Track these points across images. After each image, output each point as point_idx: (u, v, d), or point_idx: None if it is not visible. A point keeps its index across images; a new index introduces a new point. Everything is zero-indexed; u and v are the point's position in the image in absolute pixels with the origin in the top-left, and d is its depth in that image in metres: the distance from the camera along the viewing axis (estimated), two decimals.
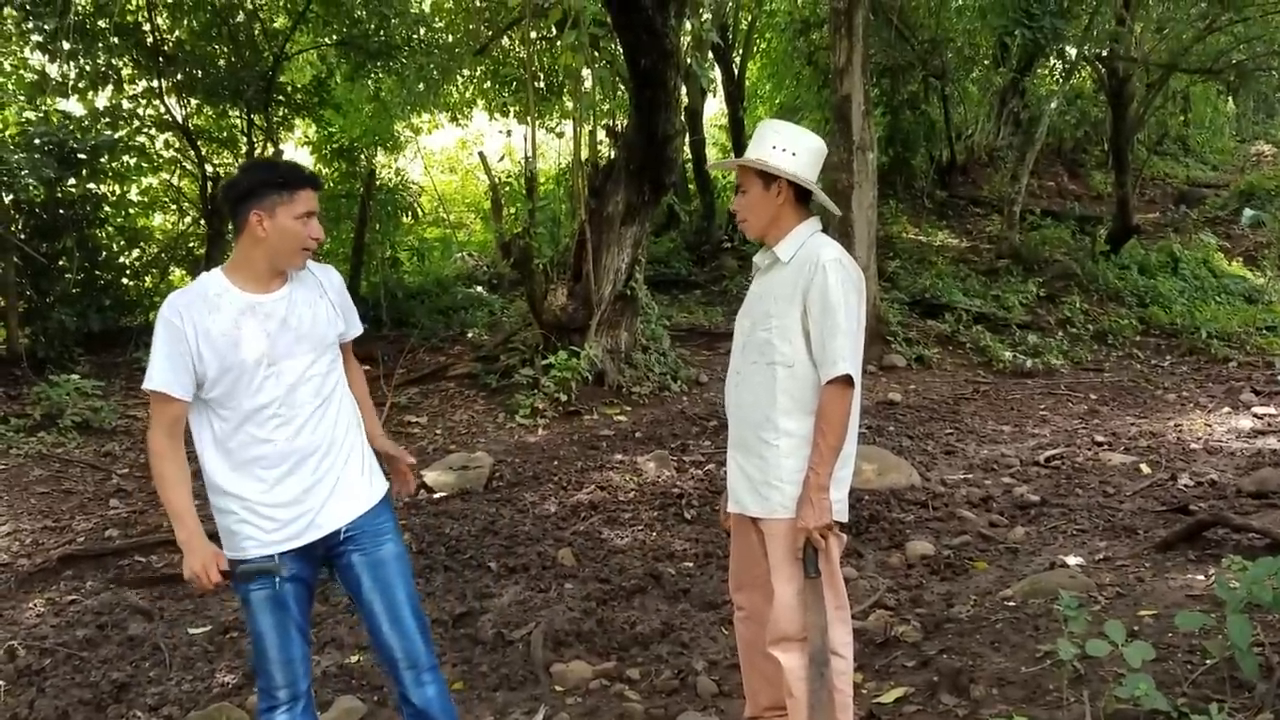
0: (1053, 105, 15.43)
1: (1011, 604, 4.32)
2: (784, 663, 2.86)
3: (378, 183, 13.16)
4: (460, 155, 20.12)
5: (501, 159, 15.00)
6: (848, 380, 2.77)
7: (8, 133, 9.44)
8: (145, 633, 4.51)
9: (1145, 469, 6.89)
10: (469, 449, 7.57)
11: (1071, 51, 15.90)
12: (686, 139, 13.59)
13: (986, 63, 17.37)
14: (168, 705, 3.89)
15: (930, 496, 6.21)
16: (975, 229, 16.85)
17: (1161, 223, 17.54)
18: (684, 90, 12.81)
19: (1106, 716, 3.07)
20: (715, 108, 19.95)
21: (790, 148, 2.85)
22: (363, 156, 13.62)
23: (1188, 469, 6.83)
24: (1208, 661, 3.34)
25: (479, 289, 13.37)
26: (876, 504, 6.00)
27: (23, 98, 9.99)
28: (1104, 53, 14.93)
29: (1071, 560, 4.97)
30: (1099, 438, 7.86)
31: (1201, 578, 4.40)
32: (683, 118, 10.46)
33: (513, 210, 11.30)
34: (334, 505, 2.77)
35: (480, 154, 12.19)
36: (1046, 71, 18.04)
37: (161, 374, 2.59)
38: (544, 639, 4.27)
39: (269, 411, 2.67)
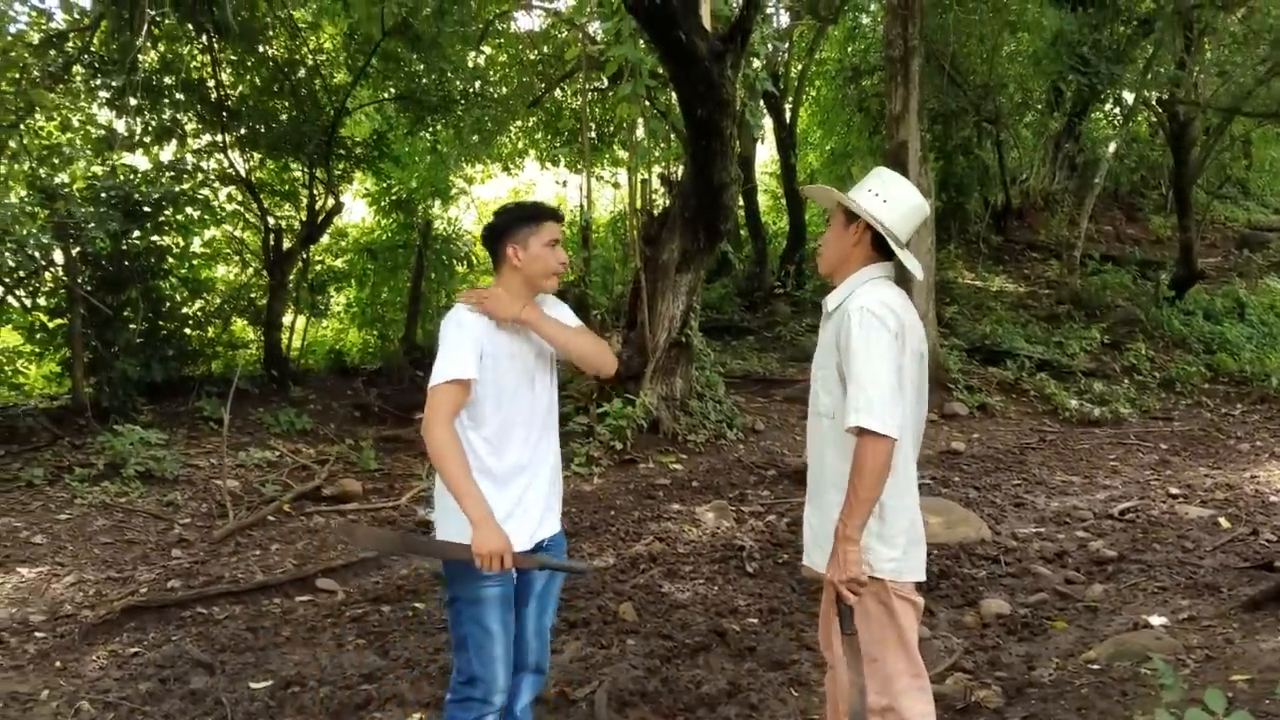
0: (1110, 149, 15.23)
1: (1096, 667, 4.14)
2: None
3: (433, 233, 13.30)
4: None
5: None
6: (875, 431, 2.58)
7: (75, 186, 9.65)
8: (207, 687, 4.47)
9: (1224, 523, 6.64)
10: None
11: (1128, 96, 15.73)
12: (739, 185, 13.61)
13: (1040, 107, 17.25)
14: None
15: (1002, 551, 6.03)
16: (1033, 274, 16.62)
17: (1225, 267, 17.18)
18: (737, 138, 12.84)
19: None
20: (766, 154, 20.01)
21: (883, 194, 2.78)
22: (420, 208, 13.79)
23: (1269, 523, 6.58)
24: None
25: None
26: (946, 559, 5.84)
27: (90, 152, 10.23)
28: (1163, 97, 14.74)
29: (1155, 620, 4.77)
30: (1173, 489, 7.61)
31: None
32: (736, 165, 10.45)
33: (567, 258, 11.35)
34: (550, 518, 3.06)
35: None
36: (1102, 115, 17.86)
37: (456, 364, 2.80)
38: (608, 699, 4.16)
39: (520, 420, 2.94)
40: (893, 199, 2.78)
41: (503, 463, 2.92)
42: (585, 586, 5.68)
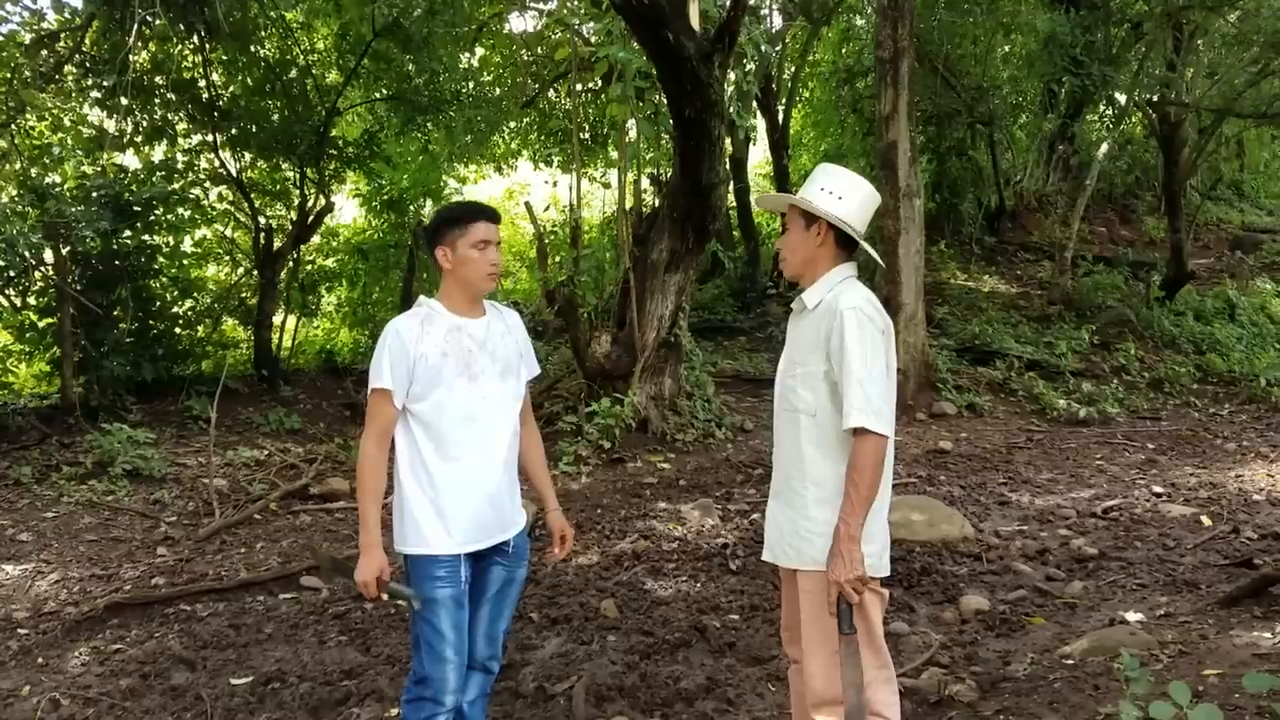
0: (1103, 151, 15.27)
1: (1070, 662, 4.16)
2: None
3: None
4: (505, 205, 20.37)
5: (547, 208, 15.13)
6: (874, 430, 2.65)
7: (66, 186, 9.67)
8: (188, 683, 4.49)
9: (1206, 521, 6.66)
10: None
11: (1121, 97, 15.76)
12: (731, 186, 13.62)
13: (1034, 109, 17.28)
14: None
15: (984, 549, 6.05)
16: (1025, 275, 16.66)
17: (1217, 268, 17.22)
18: (728, 139, 12.85)
19: None
20: (760, 155, 20.04)
21: (837, 191, 2.81)
22: (411, 207, 13.82)
23: (1250, 521, 6.60)
24: None
25: None
26: (928, 556, 5.86)
27: (81, 152, 10.25)
28: (1154, 98, 14.77)
29: (1132, 616, 4.79)
30: (1157, 488, 7.63)
31: (1269, 635, 4.21)
32: (726, 166, 10.47)
33: (558, 258, 11.36)
34: (512, 517, 3.13)
35: (526, 203, 12.30)
36: (1096, 117, 17.90)
37: (387, 377, 2.92)
38: (586, 693, 4.18)
39: (457, 417, 2.97)
40: (847, 193, 2.81)
41: (441, 459, 2.96)
42: (568, 584, 5.71)
